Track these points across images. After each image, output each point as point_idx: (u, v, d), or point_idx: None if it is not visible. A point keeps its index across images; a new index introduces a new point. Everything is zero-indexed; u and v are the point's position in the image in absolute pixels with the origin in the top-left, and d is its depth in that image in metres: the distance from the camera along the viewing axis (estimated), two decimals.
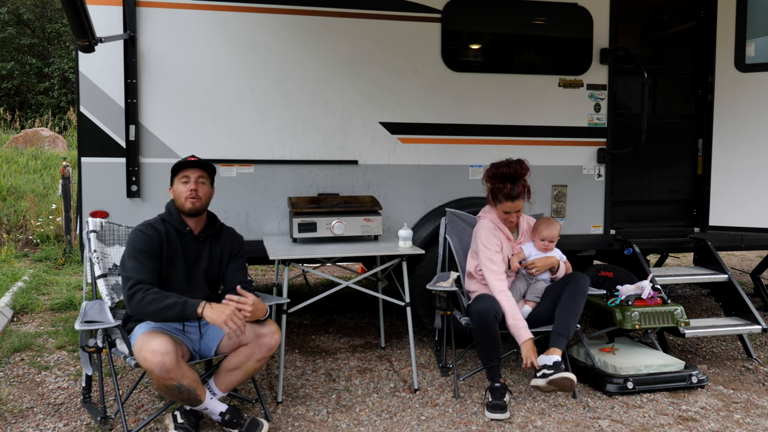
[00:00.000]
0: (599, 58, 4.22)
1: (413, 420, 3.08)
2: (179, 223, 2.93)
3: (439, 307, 3.68)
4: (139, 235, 2.83)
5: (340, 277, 3.92)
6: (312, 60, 3.87)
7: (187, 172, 2.93)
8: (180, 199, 2.91)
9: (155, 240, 2.83)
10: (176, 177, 2.94)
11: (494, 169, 3.46)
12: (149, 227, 2.87)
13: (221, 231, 3.05)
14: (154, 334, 2.63)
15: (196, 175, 2.94)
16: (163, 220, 2.93)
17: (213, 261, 2.99)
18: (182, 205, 2.91)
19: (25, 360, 3.81)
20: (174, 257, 2.88)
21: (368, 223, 3.68)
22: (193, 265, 2.94)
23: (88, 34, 3.15)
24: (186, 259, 2.92)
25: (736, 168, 4.36)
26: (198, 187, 2.92)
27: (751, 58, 4.27)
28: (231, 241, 3.06)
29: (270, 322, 2.86)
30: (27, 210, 7.96)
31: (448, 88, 4.05)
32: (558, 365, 3.10)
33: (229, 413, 2.79)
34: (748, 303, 4.00)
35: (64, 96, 16.29)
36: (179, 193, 2.91)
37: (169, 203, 2.99)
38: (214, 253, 2.99)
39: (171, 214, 2.95)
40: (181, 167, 2.94)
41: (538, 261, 3.44)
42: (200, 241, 2.97)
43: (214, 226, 3.04)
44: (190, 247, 2.94)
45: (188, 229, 2.94)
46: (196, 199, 2.90)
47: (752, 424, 3.09)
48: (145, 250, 2.78)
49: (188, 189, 2.89)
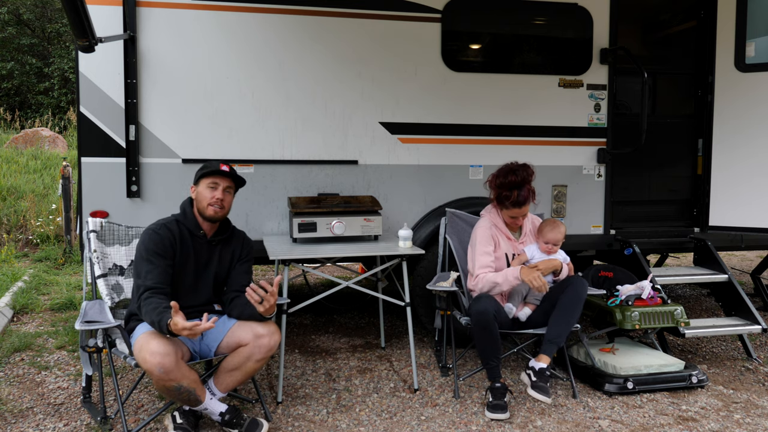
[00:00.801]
0: (599, 58, 4.22)
1: (413, 420, 3.08)
2: (194, 225, 2.92)
3: (439, 307, 3.68)
4: (153, 236, 2.82)
5: (340, 277, 3.92)
6: (312, 60, 3.87)
7: (217, 178, 2.91)
8: (203, 203, 2.89)
9: (168, 241, 2.82)
10: (204, 179, 2.91)
11: (502, 177, 3.44)
12: (163, 227, 2.86)
13: (233, 235, 3.05)
14: (154, 335, 2.63)
15: (225, 184, 2.92)
16: (178, 221, 2.92)
17: (222, 265, 2.99)
18: (203, 209, 2.89)
19: (25, 360, 3.81)
20: (186, 259, 2.88)
21: (368, 223, 3.68)
22: (202, 269, 2.94)
23: (88, 34, 3.15)
24: (197, 262, 2.92)
25: (736, 168, 4.36)
26: (224, 197, 2.91)
27: (751, 58, 4.27)
28: (241, 244, 3.05)
29: (269, 323, 2.86)
30: (27, 210, 7.96)
31: (448, 88, 4.05)
32: (542, 373, 3.15)
33: (229, 413, 2.79)
34: (748, 303, 3.99)
35: (64, 96, 16.29)
36: (203, 197, 2.89)
37: (185, 204, 2.97)
38: (224, 257, 2.99)
39: (186, 215, 2.93)
40: (212, 172, 2.91)
41: (541, 264, 3.40)
42: (212, 245, 2.96)
43: (227, 230, 3.03)
44: (202, 251, 2.94)
45: (202, 233, 2.93)
46: (221, 208, 2.90)
47: (752, 424, 3.09)
48: (159, 252, 2.78)
49: (214, 197, 2.88)
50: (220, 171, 2.91)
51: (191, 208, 2.95)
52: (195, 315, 2.83)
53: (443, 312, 3.65)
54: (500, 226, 3.49)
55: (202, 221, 2.93)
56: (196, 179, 2.96)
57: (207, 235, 2.95)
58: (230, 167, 2.97)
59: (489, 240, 3.44)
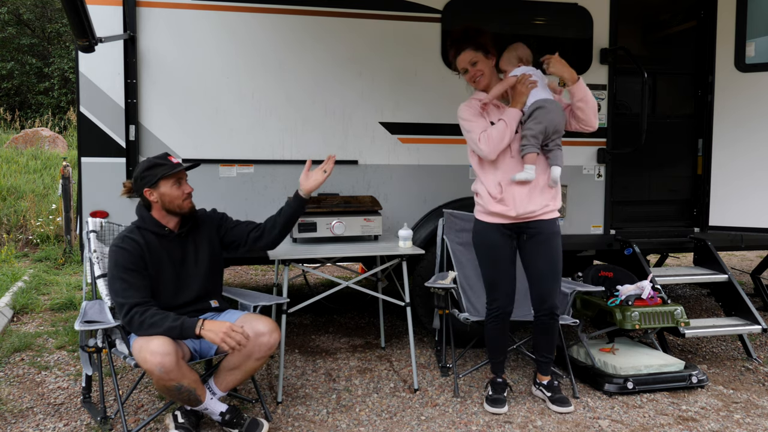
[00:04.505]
0: (599, 58, 4.22)
1: (413, 420, 3.08)
2: (156, 226, 2.87)
3: (438, 305, 3.68)
4: (119, 252, 2.76)
5: (340, 277, 3.92)
6: (312, 60, 3.87)
7: (177, 175, 2.88)
8: (174, 203, 2.85)
9: (137, 253, 2.77)
10: (164, 180, 2.83)
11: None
12: (126, 240, 2.80)
13: (198, 220, 3.00)
14: (154, 335, 2.62)
15: (185, 176, 2.93)
16: (139, 227, 2.86)
17: (201, 252, 2.95)
18: (179, 207, 2.86)
19: (25, 360, 3.81)
20: (160, 263, 2.84)
21: (368, 223, 3.68)
22: (179, 266, 2.90)
23: (88, 34, 3.15)
24: (172, 261, 2.88)
25: (736, 167, 4.36)
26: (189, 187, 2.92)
27: (751, 58, 4.27)
28: (209, 223, 3.03)
29: (269, 322, 2.85)
30: (27, 210, 7.96)
31: (447, 88, 4.05)
32: (552, 385, 3.26)
33: (229, 413, 2.79)
34: (748, 303, 3.99)
35: (64, 96, 16.30)
36: (173, 197, 2.85)
37: (140, 208, 2.91)
38: (200, 246, 2.96)
39: (144, 219, 2.88)
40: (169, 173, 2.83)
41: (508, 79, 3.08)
42: (182, 238, 2.93)
43: (191, 217, 2.97)
44: (174, 248, 2.90)
45: (167, 230, 2.89)
46: (190, 198, 2.91)
47: (752, 424, 3.09)
48: (130, 267, 2.73)
49: (184, 192, 2.87)
50: (178, 168, 2.85)
51: (148, 212, 2.89)
52: (191, 313, 2.82)
53: (442, 311, 3.65)
54: (483, 98, 3.16)
55: (166, 219, 2.88)
56: (153, 182, 2.83)
57: (173, 230, 2.91)
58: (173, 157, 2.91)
59: (476, 113, 3.13)
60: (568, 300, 3.51)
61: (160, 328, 2.60)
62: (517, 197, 3.06)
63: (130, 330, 2.69)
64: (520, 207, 3.06)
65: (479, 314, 3.58)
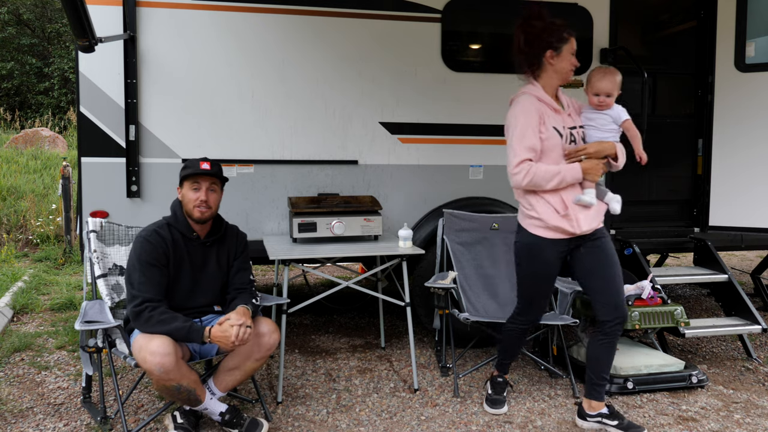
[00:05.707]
0: (599, 58, 4.22)
1: (413, 420, 3.08)
2: (186, 228, 2.86)
3: (438, 305, 3.67)
4: (145, 245, 2.75)
5: (340, 277, 3.92)
6: (312, 60, 3.87)
7: (198, 179, 2.83)
8: (188, 206, 2.83)
9: (161, 250, 2.76)
10: (186, 181, 2.84)
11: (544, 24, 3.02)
12: (154, 234, 2.79)
13: (226, 232, 2.99)
14: (154, 335, 2.62)
15: (208, 183, 2.85)
16: (169, 224, 2.85)
17: (220, 264, 2.94)
18: (190, 212, 2.83)
19: (25, 360, 3.81)
20: (181, 263, 2.83)
21: (368, 223, 3.68)
22: (198, 271, 2.89)
23: (88, 34, 3.15)
24: (192, 265, 2.87)
25: (736, 167, 4.36)
26: (209, 197, 2.83)
27: (751, 58, 4.27)
28: (235, 240, 3.00)
29: (269, 322, 2.86)
30: (27, 210, 7.96)
31: (447, 88, 4.05)
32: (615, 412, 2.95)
33: (229, 413, 2.79)
34: (748, 303, 3.99)
35: (64, 96, 16.30)
36: (188, 199, 2.82)
37: (175, 205, 2.90)
38: (221, 257, 2.94)
39: (177, 218, 2.86)
40: (192, 173, 2.83)
41: (590, 146, 2.88)
42: (207, 246, 2.91)
43: (220, 228, 2.96)
44: (197, 253, 2.88)
45: (195, 235, 2.88)
46: (207, 209, 2.83)
47: (752, 424, 3.09)
48: (152, 262, 2.72)
49: (198, 198, 2.81)
50: (199, 171, 2.82)
51: (181, 210, 2.88)
52: (196, 315, 2.83)
53: (442, 311, 3.65)
54: (544, 98, 2.88)
55: (193, 223, 2.87)
56: (180, 181, 2.87)
57: (200, 237, 2.89)
58: (211, 163, 2.86)
59: (534, 114, 2.81)
60: (568, 300, 3.51)
61: (167, 327, 2.60)
62: (581, 214, 2.86)
63: (135, 324, 2.68)
64: (585, 224, 2.86)
65: (479, 314, 3.58)
